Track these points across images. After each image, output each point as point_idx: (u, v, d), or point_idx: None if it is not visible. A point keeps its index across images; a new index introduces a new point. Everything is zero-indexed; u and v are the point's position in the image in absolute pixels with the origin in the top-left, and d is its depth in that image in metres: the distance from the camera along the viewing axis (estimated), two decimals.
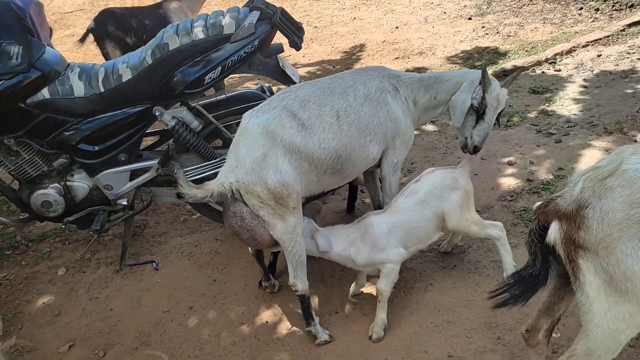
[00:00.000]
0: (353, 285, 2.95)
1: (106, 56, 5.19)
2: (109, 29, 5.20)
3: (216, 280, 3.30)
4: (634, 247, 1.57)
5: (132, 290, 3.30)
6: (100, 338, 2.95)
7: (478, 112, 2.84)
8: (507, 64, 5.34)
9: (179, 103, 3.19)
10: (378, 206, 3.20)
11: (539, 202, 1.86)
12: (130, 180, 3.25)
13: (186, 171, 3.22)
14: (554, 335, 2.33)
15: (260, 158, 2.46)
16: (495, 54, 5.79)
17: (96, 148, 3.10)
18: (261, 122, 2.50)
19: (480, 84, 2.80)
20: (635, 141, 3.83)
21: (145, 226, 3.94)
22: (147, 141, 3.65)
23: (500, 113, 2.92)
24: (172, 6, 5.40)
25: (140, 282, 3.36)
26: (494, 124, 2.93)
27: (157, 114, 3.04)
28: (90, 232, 3.73)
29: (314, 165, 2.57)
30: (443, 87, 2.92)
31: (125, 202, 3.30)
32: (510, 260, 2.84)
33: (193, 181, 3.19)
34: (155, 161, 3.21)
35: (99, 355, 2.83)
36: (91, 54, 6.09)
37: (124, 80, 2.96)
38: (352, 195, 3.67)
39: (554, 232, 1.74)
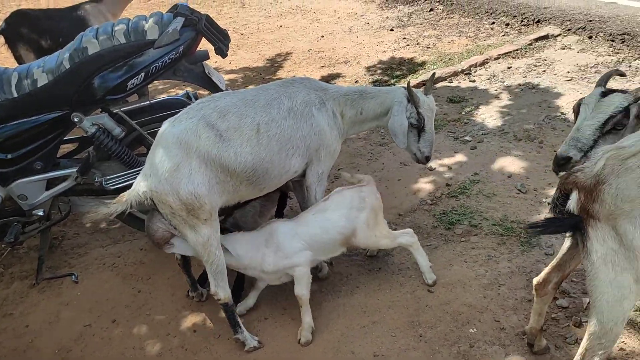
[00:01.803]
0: (241, 303, 2.94)
1: (19, 59, 4.89)
2: (22, 31, 4.91)
3: (141, 291, 3.22)
4: None
5: (50, 304, 3.15)
6: (15, 357, 2.80)
7: (418, 127, 2.96)
8: (428, 75, 5.59)
9: (100, 109, 3.09)
10: None
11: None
12: (47, 189, 3.11)
13: (108, 179, 3.13)
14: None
15: (173, 168, 2.43)
16: (416, 65, 6.04)
17: (9, 156, 2.94)
18: (176, 132, 2.48)
19: (409, 101, 2.92)
20: (542, 147, 4.14)
21: (64, 237, 3.76)
22: (65, 148, 3.49)
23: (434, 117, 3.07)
24: (91, 9, 5.19)
25: (59, 296, 3.21)
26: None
27: (75, 120, 2.93)
28: (3, 245, 3.51)
29: (229, 177, 2.56)
30: (368, 104, 3.00)
31: (41, 213, 3.14)
32: (426, 262, 2.98)
33: (116, 190, 3.11)
34: (74, 169, 3.09)
35: None
36: (1, 57, 5.74)
37: (39, 85, 2.83)
38: (281, 202, 3.70)
39: (573, 201, 1.89)
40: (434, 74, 3.22)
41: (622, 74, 2.64)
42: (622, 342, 2.52)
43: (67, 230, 3.84)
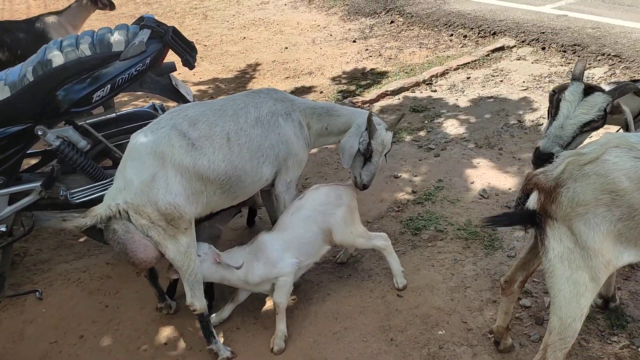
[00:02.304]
0: (216, 314, 2.94)
1: None
2: None
3: (109, 305, 3.16)
4: (597, 222, 1.85)
5: (13, 323, 3.06)
6: None
7: (365, 155, 3.01)
8: (391, 85, 5.72)
9: (65, 122, 3.04)
10: (275, 221, 3.27)
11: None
12: (9, 204, 3.03)
13: (74, 193, 3.07)
14: None
15: (149, 179, 2.42)
16: (379, 75, 6.17)
17: None
18: (149, 142, 2.47)
19: (366, 129, 2.98)
20: (501, 154, 4.29)
21: (25, 254, 3.67)
22: (28, 162, 3.42)
23: (386, 153, 3.13)
24: (50, 21, 5.11)
25: (22, 314, 3.13)
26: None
27: (39, 133, 2.88)
28: None
29: (204, 185, 2.56)
30: (334, 121, 3.06)
31: (3, 229, 3.05)
32: (398, 266, 3.05)
33: (82, 203, 3.07)
34: (38, 183, 3.02)
35: None
36: None
37: (1, 99, 2.78)
38: (252, 211, 3.72)
39: (533, 201, 2.00)
40: (402, 114, 3.29)
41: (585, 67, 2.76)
42: (582, 338, 2.63)
43: (29, 246, 3.74)
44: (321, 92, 5.88)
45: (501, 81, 5.62)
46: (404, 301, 2.97)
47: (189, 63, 3.16)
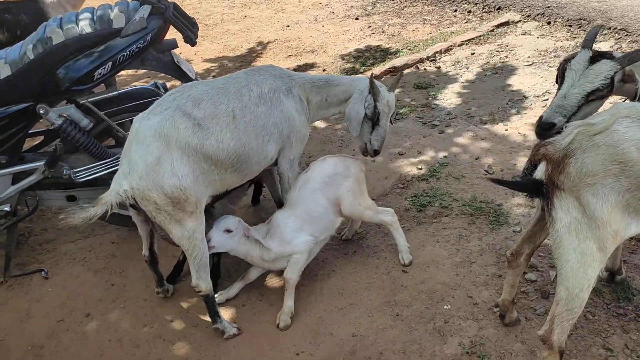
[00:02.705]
0: (222, 292, 2.94)
1: None
2: None
3: (114, 284, 3.18)
4: (605, 193, 1.83)
5: (19, 302, 3.08)
6: None
7: (372, 120, 2.99)
8: (395, 62, 5.65)
9: (67, 100, 3.02)
10: (278, 201, 3.26)
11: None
12: (13, 184, 3.02)
13: (77, 172, 3.06)
14: None
15: (154, 163, 2.39)
16: (382, 52, 6.10)
17: None
18: (153, 125, 2.43)
19: (370, 93, 2.95)
20: (507, 130, 4.25)
21: (30, 233, 3.68)
22: (31, 142, 3.40)
23: (392, 115, 3.11)
24: (49, 1, 5.05)
25: (28, 293, 3.15)
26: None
27: (41, 112, 2.86)
28: None
29: (214, 165, 2.54)
30: (333, 91, 3.03)
31: (7, 209, 3.06)
32: (404, 242, 3.04)
33: (86, 182, 3.06)
34: (41, 163, 3.02)
35: None
36: None
37: (2, 78, 2.75)
38: (257, 189, 3.71)
39: (540, 172, 1.96)
40: (401, 73, 3.26)
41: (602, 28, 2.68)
42: (588, 311, 2.63)
43: (34, 226, 3.75)
44: (324, 70, 5.82)
45: (506, 57, 5.54)
46: (409, 277, 2.97)
47: (191, 39, 3.12)
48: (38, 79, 2.78)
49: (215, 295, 2.89)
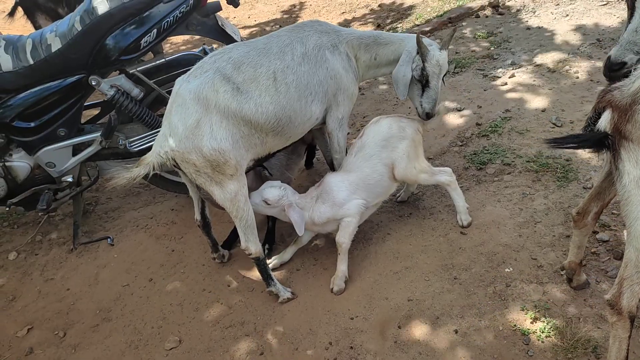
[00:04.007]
0: (277, 256, 2.95)
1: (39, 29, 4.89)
2: (39, 1, 4.89)
3: (175, 250, 3.26)
4: None
5: (88, 268, 3.23)
6: (59, 319, 2.88)
7: (422, 82, 2.81)
8: (453, 12, 5.33)
9: (117, 70, 3.05)
10: (330, 161, 3.18)
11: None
12: (74, 155, 3.12)
13: (132, 141, 3.12)
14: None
15: (194, 125, 2.36)
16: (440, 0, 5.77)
17: (32, 124, 2.94)
18: (193, 88, 2.40)
19: (418, 53, 2.77)
20: (577, 78, 3.91)
21: (97, 202, 3.83)
22: (89, 114, 3.50)
23: (444, 74, 2.91)
24: None
25: (96, 260, 3.29)
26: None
27: (93, 83, 2.91)
28: (38, 213, 3.60)
29: (254, 129, 2.49)
30: (382, 50, 2.87)
31: (70, 179, 3.17)
32: (463, 202, 2.89)
33: (141, 151, 3.11)
34: (98, 134, 3.09)
35: (59, 336, 2.77)
36: (22, 28, 5.74)
37: (53, 50, 2.80)
38: (309, 153, 3.65)
39: (605, 120, 1.75)
40: (454, 29, 3.02)
41: None
42: None
43: (100, 195, 3.90)
44: (378, 26, 5.59)
45: None
46: (468, 239, 2.84)
47: (234, 1, 3.04)
48: (88, 50, 2.82)
49: (270, 260, 2.89)
